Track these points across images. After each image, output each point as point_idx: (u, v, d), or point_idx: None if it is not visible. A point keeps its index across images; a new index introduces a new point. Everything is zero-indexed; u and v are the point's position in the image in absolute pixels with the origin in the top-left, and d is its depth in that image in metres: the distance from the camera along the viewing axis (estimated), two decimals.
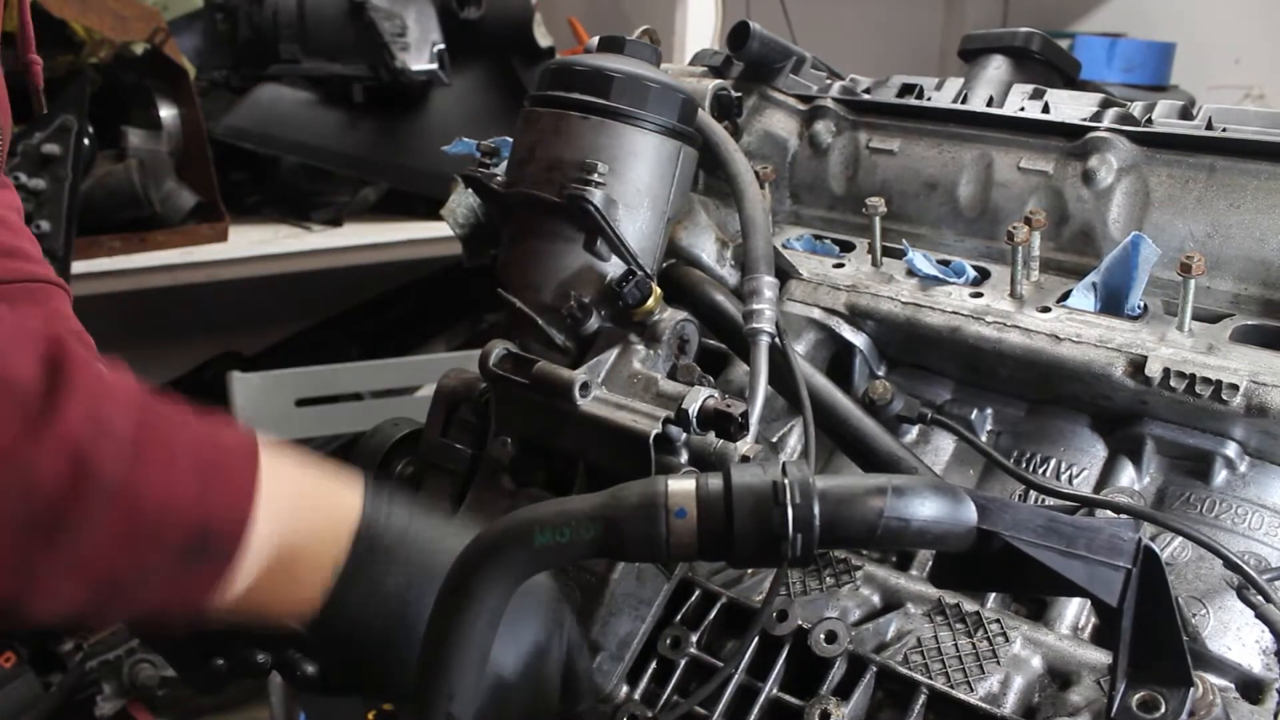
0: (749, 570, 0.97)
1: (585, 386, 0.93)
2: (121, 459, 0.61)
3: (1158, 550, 0.68)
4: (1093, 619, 0.91)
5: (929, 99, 1.21)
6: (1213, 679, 0.80)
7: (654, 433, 0.88)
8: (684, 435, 0.90)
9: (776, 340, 0.97)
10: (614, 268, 1.00)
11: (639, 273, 0.96)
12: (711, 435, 0.90)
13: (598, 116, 0.99)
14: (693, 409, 0.88)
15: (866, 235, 1.17)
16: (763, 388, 0.93)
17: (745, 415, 0.88)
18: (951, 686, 0.84)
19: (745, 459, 0.88)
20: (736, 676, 0.88)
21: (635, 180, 1.00)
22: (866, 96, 1.25)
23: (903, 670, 0.86)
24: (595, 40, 1.08)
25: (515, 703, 0.77)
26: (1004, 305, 1.05)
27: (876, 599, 0.95)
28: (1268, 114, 1.02)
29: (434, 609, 0.72)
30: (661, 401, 0.92)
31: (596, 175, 0.97)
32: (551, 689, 0.80)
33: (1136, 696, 0.71)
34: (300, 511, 0.71)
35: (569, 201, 0.97)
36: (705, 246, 1.14)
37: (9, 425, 0.58)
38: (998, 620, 0.88)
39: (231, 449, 0.68)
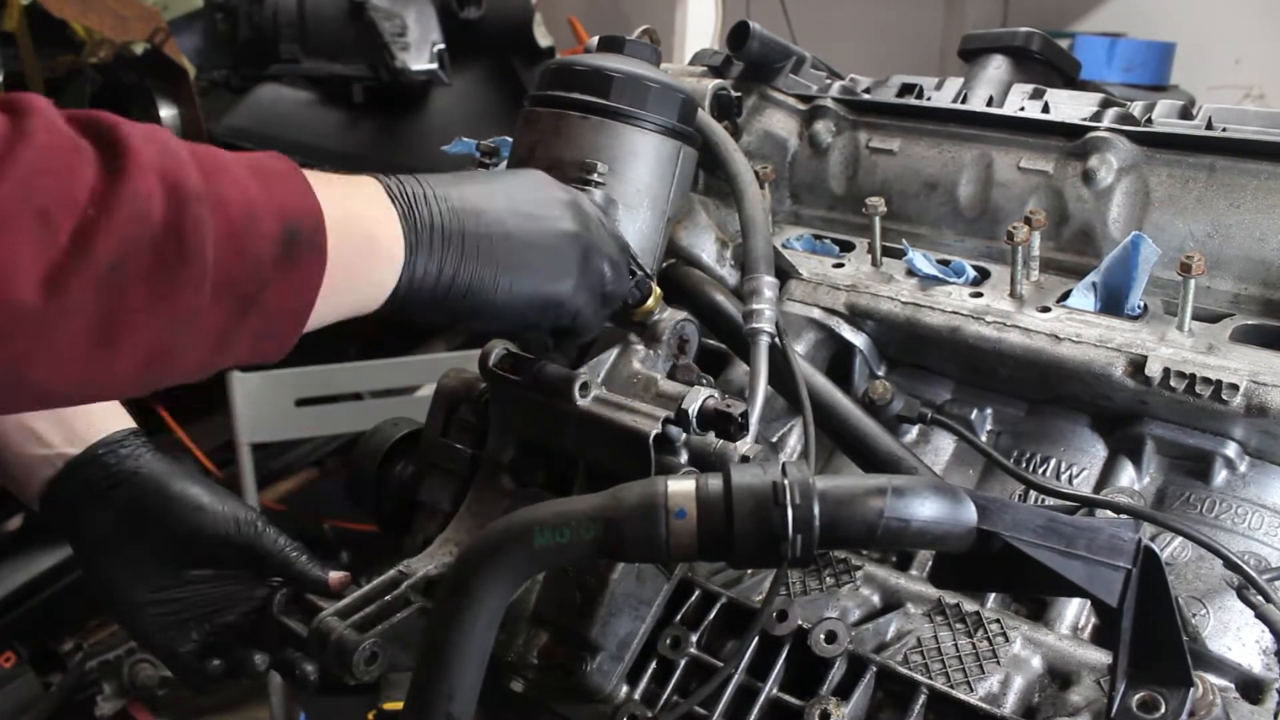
0: (749, 570, 0.97)
1: (585, 386, 0.93)
2: (196, 170, 0.63)
3: (1158, 550, 0.68)
4: (1093, 619, 0.91)
5: (929, 99, 1.21)
6: (1213, 679, 0.80)
7: (654, 433, 0.88)
8: (684, 435, 0.90)
9: (776, 340, 0.97)
10: None
11: (639, 273, 0.96)
12: (711, 435, 0.90)
13: (597, 116, 0.98)
14: (693, 409, 0.88)
15: (866, 235, 1.17)
16: (762, 388, 0.93)
17: (745, 415, 0.88)
18: (951, 686, 0.84)
19: (745, 459, 0.88)
20: (736, 676, 0.88)
21: (635, 180, 1.00)
22: (866, 96, 1.25)
23: (903, 670, 0.86)
24: (595, 40, 1.08)
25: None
26: (1004, 305, 1.05)
27: (876, 599, 0.95)
28: (1268, 114, 1.02)
29: (435, 609, 0.72)
30: (661, 401, 0.92)
31: (596, 175, 0.96)
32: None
33: (1136, 697, 0.71)
34: (349, 198, 0.74)
35: None
36: (705, 246, 1.13)
37: (92, 170, 0.59)
38: (998, 620, 0.88)
39: (271, 161, 0.70)
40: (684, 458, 0.90)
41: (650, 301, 0.96)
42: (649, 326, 0.98)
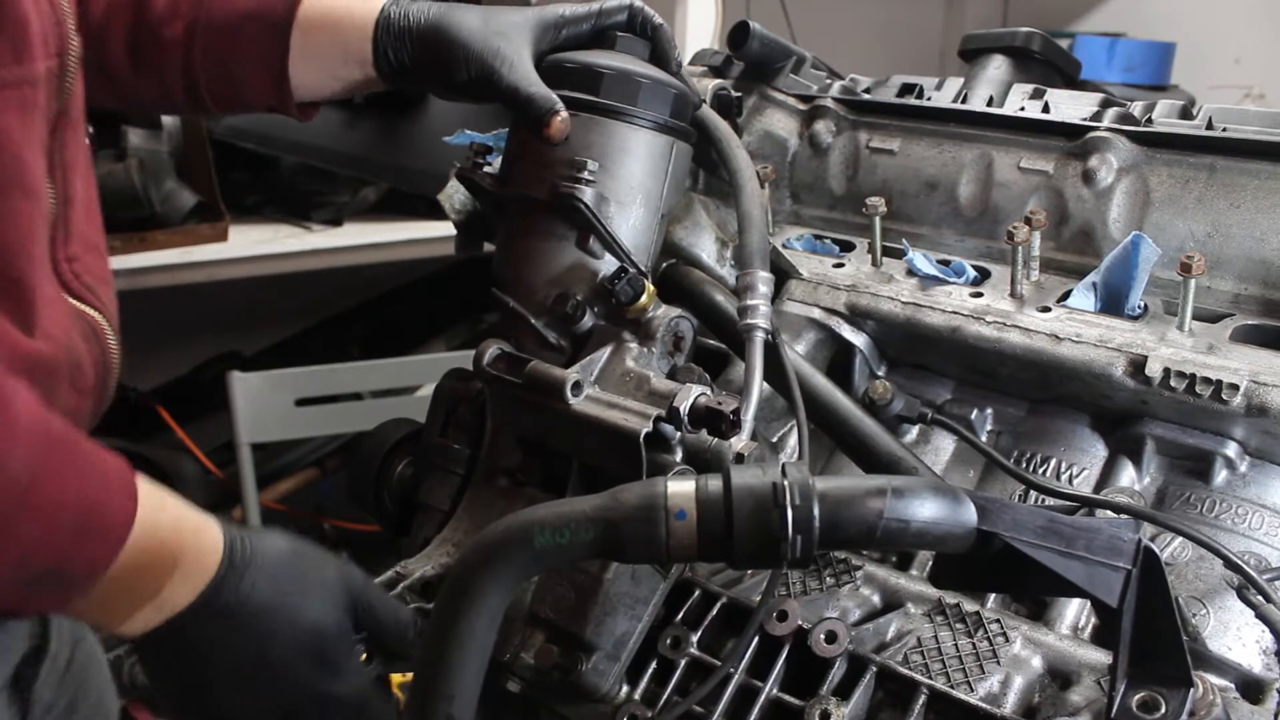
0: (749, 570, 0.97)
1: (577, 386, 0.93)
2: (10, 499, 0.65)
3: (1158, 550, 0.68)
4: (1093, 619, 0.91)
5: (929, 99, 1.21)
6: (1213, 679, 0.79)
7: (644, 431, 0.88)
8: (678, 434, 0.90)
9: (771, 336, 0.97)
10: (607, 265, 0.99)
11: (632, 270, 0.96)
12: (705, 433, 0.90)
13: (587, 113, 0.98)
14: (684, 407, 0.88)
15: (866, 235, 1.17)
16: (757, 384, 0.92)
17: (737, 412, 0.87)
18: (952, 686, 0.84)
19: (740, 456, 0.88)
20: (736, 676, 0.88)
21: (627, 177, 0.99)
22: (866, 96, 1.25)
23: (903, 670, 0.85)
24: None
25: None
26: (1004, 305, 1.05)
27: (877, 599, 0.95)
28: (1268, 114, 1.02)
29: (435, 610, 0.72)
30: (654, 400, 0.91)
31: (587, 173, 0.96)
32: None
33: (1137, 697, 0.71)
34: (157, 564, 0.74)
35: (559, 200, 0.97)
36: (704, 246, 1.13)
37: None
38: (998, 620, 0.88)
39: (110, 505, 0.71)
40: (679, 456, 0.90)
41: (644, 299, 0.96)
42: (643, 324, 0.98)
